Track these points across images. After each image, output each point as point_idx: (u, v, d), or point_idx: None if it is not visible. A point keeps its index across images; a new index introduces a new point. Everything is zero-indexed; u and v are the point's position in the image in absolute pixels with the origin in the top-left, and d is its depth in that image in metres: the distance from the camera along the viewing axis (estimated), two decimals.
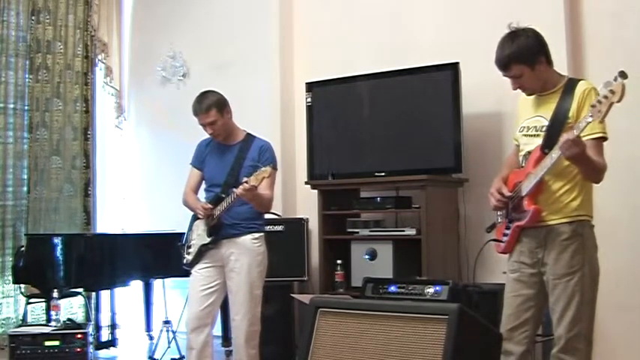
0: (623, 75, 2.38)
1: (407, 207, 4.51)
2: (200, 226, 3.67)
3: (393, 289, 3.52)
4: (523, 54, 2.70)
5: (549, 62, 2.79)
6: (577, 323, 2.68)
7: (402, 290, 3.48)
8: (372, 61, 4.93)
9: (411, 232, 4.38)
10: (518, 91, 2.87)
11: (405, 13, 4.96)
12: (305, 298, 3.22)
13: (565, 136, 2.52)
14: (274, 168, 3.63)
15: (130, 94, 6.52)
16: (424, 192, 4.30)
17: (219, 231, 3.60)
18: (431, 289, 3.43)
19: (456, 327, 2.24)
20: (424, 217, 4.28)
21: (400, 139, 4.59)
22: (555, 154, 2.61)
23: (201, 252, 3.64)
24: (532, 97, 2.86)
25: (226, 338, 5.22)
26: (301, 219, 4.93)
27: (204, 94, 3.71)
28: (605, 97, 2.40)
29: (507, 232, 2.85)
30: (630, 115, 4.08)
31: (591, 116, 2.43)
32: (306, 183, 4.91)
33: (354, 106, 4.83)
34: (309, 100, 4.96)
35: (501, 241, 2.89)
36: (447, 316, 2.26)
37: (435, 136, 4.47)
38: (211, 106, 3.62)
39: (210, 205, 3.59)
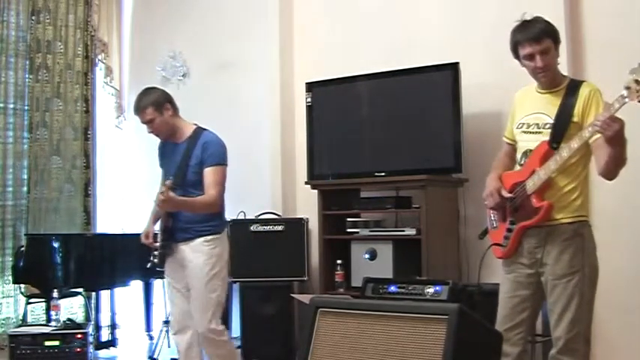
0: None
1: (407, 207, 4.51)
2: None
3: (393, 289, 3.51)
4: (554, 30, 2.80)
5: (558, 56, 2.86)
6: (576, 324, 2.68)
7: (402, 290, 3.47)
8: (372, 61, 4.93)
9: (411, 232, 4.37)
10: (514, 89, 2.86)
11: (406, 13, 4.96)
12: (305, 298, 3.22)
13: (600, 117, 2.49)
14: (219, 164, 3.53)
15: (130, 94, 6.51)
16: (424, 192, 4.30)
17: (173, 235, 3.53)
18: (431, 289, 3.42)
19: (456, 327, 2.23)
20: (424, 217, 4.28)
21: (400, 139, 4.59)
22: (576, 143, 2.60)
23: (162, 255, 3.57)
24: (528, 94, 2.87)
25: None
26: (301, 219, 4.93)
27: (142, 93, 3.64)
28: (625, 97, 2.43)
29: (509, 234, 2.81)
30: (630, 115, 4.09)
31: (627, 97, 2.44)
32: (306, 183, 4.91)
33: (354, 106, 4.82)
34: (309, 100, 4.96)
35: (501, 245, 2.86)
36: (447, 316, 2.26)
37: (435, 136, 4.47)
38: (148, 105, 3.52)
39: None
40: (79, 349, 4.36)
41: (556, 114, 2.74)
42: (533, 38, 2.76)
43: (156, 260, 3.57)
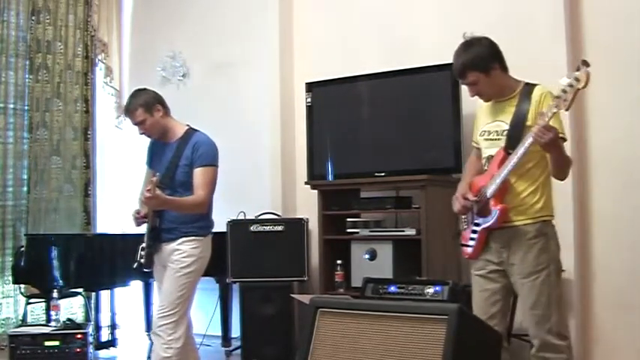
0: (585, 64, 2.57)
1: (407, 207, 4.51)
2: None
3: (393, 289, 3.52)
4: (477, 62, 2.83)
5: (504, 69, 2.90)
6: (547, 321, 2.76)
7: (402, 290, 3.48)
8: (372, 61, 4.93)
9: (411, 232, 4.37)
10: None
11: (405, 13, 4.96)
12: (305, 298, 3.22)
13: (536, 127, 2.62)
14: (209, 165, 3.48)
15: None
16: (424, 192, 4.30)
17: (159, 236, 3.49)
18: (431, 289, 3.43)
19: (455, 327, 2.23)
20: (424, 217, 4.28)
21: (400, 139, 4.59)
22: (521, 150, 2.71)
23: (149, 255, 3.52)
24: (490, 103, 2.96)
25: (226, 338, 5.23)
26: (301, 219, 4.93)
27: (133, 94, 3.62)
28: (570, 85, 2.55)
29: (474, 236, 2.91)
30: (630, 115, 4.10)
31: (556, 106, 2.58)
32: (306, 183, 4.91)
33: (354, 106, 4.83)
34: (309, 100, 4.96)
35: (468, 245, 2.95)
36: (446, 316, 2.26)
37: (435, 136, 4.48)
38: (138, 106, 3.50)
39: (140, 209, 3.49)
40: (79, 350, 4.36)
41: (510, 120, 2.84)
42: (457, 75, 2.92)
43: (142, 260, 3.52)
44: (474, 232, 2.90)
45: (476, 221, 2.90)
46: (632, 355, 3.99)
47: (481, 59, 2.83)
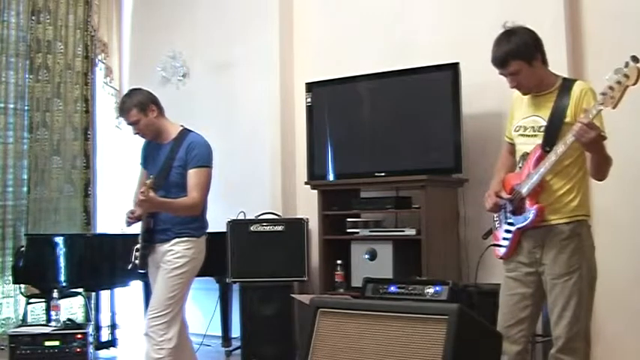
0: (635, 59, 2.44)
1: (407, 207, 4.51)
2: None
3: (393, 289, 3.52)
4: (521, 49, 2.72)
5: (545, 62, 2.80)
6: (575, 323, 2.69)
7: (402, 290, 3.48)
8: (372, 61, 4.93)
9: (411, 232, 4.37)
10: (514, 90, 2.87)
11: (405, 13, 4.96)
12: (305, 298, 3.22)
13: (578, 124, 2.52)
14: (203, 166, 3.44)
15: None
16: (424, 192, 4.30)
17: (152, 237, 3.47)
18: (431, 290, 3.43)
19: (455, 327, 2.23)
20: (424, 217, 4.28)
21: (400, 139, 4.59)
22: (561, 148, 2.62)
23: (143, 257, 3.50)
24: (527, 96, 2.86)
25: (226, 338, 5.23)
26: (301, 219, 4.93)
27: (127, 94, 3.60)
28: (619, 82, 2.45)
29: (508, 235, 2.83)
30: (631, 114, 4.09)
31: (602, 103, 2.48)
32: (306, 183, 4.91)
33: (354, 106, 4.83)
34: (309, 100, 4.96)
35: (501, 246, 2.87)
36: (447, 316, 2.26)
37: (435, 136, 4.47)
38: (132, 107, 3.47)
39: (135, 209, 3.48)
40: (79, 350, 4.36)
41: (549, 116, 2.76)
42: (498, 63, 2.78)
43: (137, 261, 3.50)
44: (508, 231, 2.82)
45: (509, 220, 2.82)
46: (632, 355, 3.99)
47: (525, 47, 2.72)
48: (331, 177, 4.82)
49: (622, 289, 4.03)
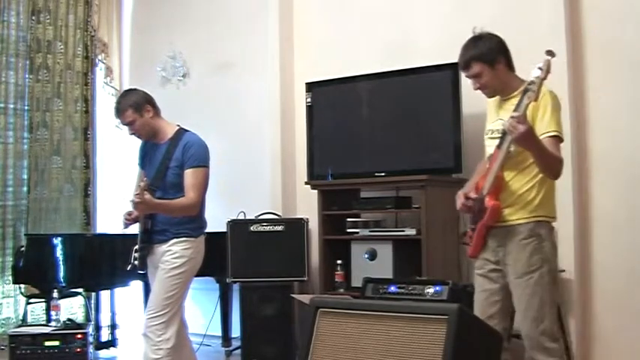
0: (550, 53, 2.63)
1: (407, 207, 4.51)
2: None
3: (393, 289, 3.52)
4: (484, 53, 2.87)
5: (510, 67, 2.93)
6: (540, 323, 2.76)
7: (402, 290, 3.48)
8: (372, 61, 4.93)
9: (411, 232, 4.37)
10: None
11: (405, 13, 4.96)
12: (305, 298, 3.22)
13: (508, 119, 2.64)
14: (199, 166, 3.42)
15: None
16: (424, 192, 4.30)
17: (151, 237, 3.47)
18: (431, 289, 3.43)
19: (455, 327, 2.23)
20: (424, 217, 4.28)
21: (400, 139, 4.59)
22: (505, 144, 2.73)
23: (142, 258, 3.49)
24: (497, 102, 2.98)
25: (226, 338, 5.24)
26: (301, 219, 4.93)
27: (122, 95, 3.60)
28: (537, 76, 2.60)
29: (473, 234, 2.93)
30: (631, 114, 4.09)
31: (528, 97, 2.62)
32: (306, 183, 4.91)
33: (354, 106, 4.83)
34: (309, 100, 4.96)
35: (468, 244, 2.98)
36: (447, 316, 2.26)
37: (435, 136, 4.48)
38: (127, 107, 3.46)
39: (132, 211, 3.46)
40: (79, 350, 4.36)
41: (508, 118, 2.82)
42: (462, 66, 2.95)
43: (136, 262, 3.49)
44: (473, 229, 2.93)
45: (475, 219, 2.92)
46: (632, 356, 3.99)
47: (488, 51, 2.86)
48: (331, 177, 4.82)
49: (622, 288, 4.03)
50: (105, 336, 5.28)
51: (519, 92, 2.81)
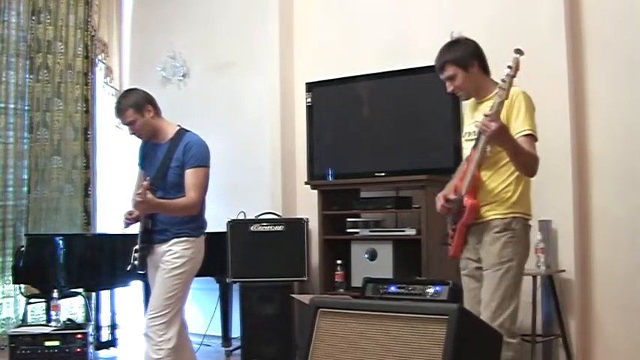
0: (518, 51, 2.67)
1: (407, 207, 4.51)
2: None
3: (393, 289, 3.51)
4: (458, 56, 2.96)
5: (485, 70, 2.99)
6: (499, 315, 2.79)
7: (402, 290, 3.48)
8: (372, 61, 4.94)
9: (411, 232, 4.38)
10: None
11: (405, 13, 4.96)
12: (305, 298, 3.22)
13: (482, 119, 2.70)
14: (200, 166, 3.41)
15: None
16: (424, 192, 4.30)
17: (151, 237, 3.46)
18: (431, 289, 3.42)
19: (455, 327, 2.23)
20: (424, 217, 4.29)
21: (400, 139, 4.59)
22: (480, 144, 2.78)
23: (142, 258, 3.48)
24: (472, 105, 3.04)
25: (226, 338, 5.24)
26: (301, 219, 4.93)
27: (123, 94, 3.60)
28: (508, 74, 2.66)
29: (454, 234, 2.97)
30: (631, 114, 4.09)
31: (500, 96, 2.68)
32: (306, 183, 4.92)
33: (354, 106, 4.83)
34: (309, 100, 4.96)
35: (449, 244, 3.02)
36: (447, 316, 2.26)
37: (435, 136, 4.48)
38: (127, 107, 3.45)
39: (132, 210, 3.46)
40: (79, 350, 4.36)
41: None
42: (437, 68, 3.04)
43: (136, 262, 3.48)
44: (453, 229, 2.97)
45: (454, 219, 2.97)
46: (632, 355, 3.99)
47: (462, 54, 2.95)
48: (331, 177, 4.82)
49: (622, 288, 4.03)
50: (105, 336, 5.28)
51: (494, 94, 2.84)
